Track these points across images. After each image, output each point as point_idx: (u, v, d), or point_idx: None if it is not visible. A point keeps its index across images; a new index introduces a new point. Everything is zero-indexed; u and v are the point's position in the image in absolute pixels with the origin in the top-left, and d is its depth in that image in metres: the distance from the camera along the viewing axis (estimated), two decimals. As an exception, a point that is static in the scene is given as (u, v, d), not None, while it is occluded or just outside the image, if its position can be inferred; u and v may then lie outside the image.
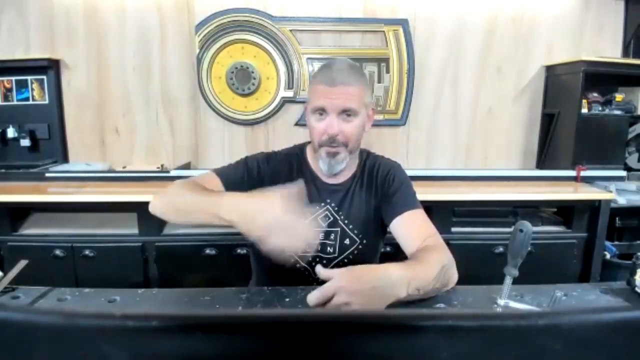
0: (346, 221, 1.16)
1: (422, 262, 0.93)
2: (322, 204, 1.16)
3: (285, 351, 0.32)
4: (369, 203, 1.17)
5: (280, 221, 0.78)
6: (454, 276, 1.01)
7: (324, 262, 1.14)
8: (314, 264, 1.12)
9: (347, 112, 1.05)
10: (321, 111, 1.06)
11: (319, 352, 0.32)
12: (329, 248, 1.15)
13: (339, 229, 1.15)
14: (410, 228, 1.09)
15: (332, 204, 1.16)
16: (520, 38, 2.76)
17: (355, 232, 1.16)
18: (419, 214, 1.11)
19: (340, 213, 1.16)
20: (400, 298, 0.83)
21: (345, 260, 1.15)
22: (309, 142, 1.18)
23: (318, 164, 1.14)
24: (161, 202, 1.00)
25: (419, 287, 0.87)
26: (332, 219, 1.15)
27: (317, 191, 1.16)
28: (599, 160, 2.50)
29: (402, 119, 2.79)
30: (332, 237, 1.15)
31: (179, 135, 2.81)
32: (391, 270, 0.84)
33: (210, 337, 0.31)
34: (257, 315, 0.38)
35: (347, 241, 1.15)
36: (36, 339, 0.32)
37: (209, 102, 2.72)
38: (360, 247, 1.16)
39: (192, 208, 0.93)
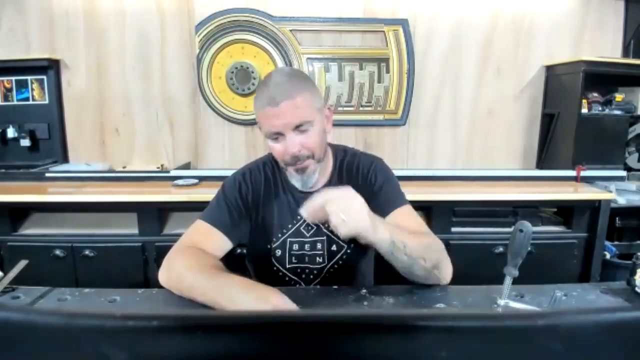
0: (330, 228, 1.13)
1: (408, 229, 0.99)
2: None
3: (285, 351, 0.32)
4: None
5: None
6: (447, 268, 1.02)
7: (315, 272, 1.12)
8: (303, 276, 1.13)
9: (300, 127, 1.00)
10: (276, 135, 1.01)
11: (320, 352, 0.32)
12: (318, 258, 1.13)
13: (324, 237, 1.12)
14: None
15: None
16: (520, 38, 2.77)
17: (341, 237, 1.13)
18: (405, 211, 1.08)
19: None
20: (371, 232, 0.89)
21: (336, 266, 1.13)
22: None
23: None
24: (168, 282, 0.98)
25: (402, 241, 0.91)
26: (314, 228, 1.12)
27: (294, 201, 1.13)
28: (599, 160, 2.50)
29: (402, 119, 2.79)
30: (319, 246, 1.13)
31: (179, 135, 2.81)
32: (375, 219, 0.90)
33: (211, 337, 0.31)
34: (257, 315, 0.38)
35: (334, 247, 1.13)
36: (36, 339, 0.32)
37: (209, 102, 2.72)
38: (348, 251, 1.13)
39: (197, 297, 0.92)
